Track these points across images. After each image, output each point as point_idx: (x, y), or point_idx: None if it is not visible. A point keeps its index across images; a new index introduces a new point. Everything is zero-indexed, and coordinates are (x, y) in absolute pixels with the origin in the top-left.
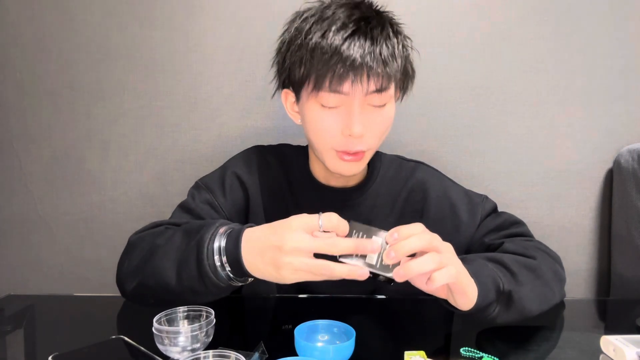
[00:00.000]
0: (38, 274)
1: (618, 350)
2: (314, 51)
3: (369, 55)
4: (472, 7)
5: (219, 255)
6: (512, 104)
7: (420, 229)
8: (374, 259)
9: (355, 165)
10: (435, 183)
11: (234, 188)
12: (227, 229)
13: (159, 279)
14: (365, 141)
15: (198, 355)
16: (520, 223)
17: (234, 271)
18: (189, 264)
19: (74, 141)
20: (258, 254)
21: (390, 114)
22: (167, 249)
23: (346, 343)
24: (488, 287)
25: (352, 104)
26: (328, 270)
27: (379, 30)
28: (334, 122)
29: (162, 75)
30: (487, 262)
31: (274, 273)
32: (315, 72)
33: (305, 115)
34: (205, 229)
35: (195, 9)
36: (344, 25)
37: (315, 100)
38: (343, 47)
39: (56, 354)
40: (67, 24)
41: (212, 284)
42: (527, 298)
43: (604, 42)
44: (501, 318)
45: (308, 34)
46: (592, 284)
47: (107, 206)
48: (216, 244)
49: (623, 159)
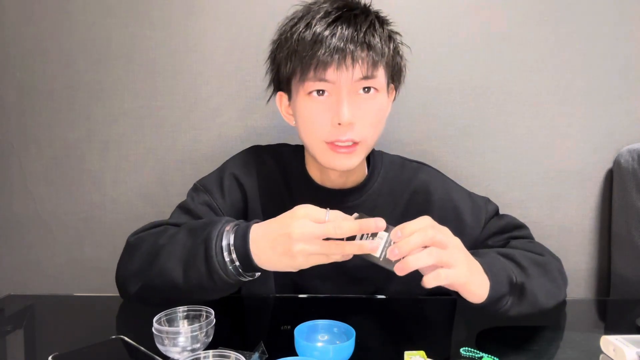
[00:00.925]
0: (38, 274)
1: (618, 350)
2: (298, 43)
3: (352, 41)
4: (472, 7)
5: (228, 252)
6: (512, 104)
7: (425, 223)
8: (378, 252)
9: (348, 159)
10: (438, 185)
11: (232, 189)
12: (234, 226)
13: (165, 278)
14: (357, 131)
15: (198, 355)
16: (522, 226)
17: (243, 266)
18: (196, 262)
19: (74, 141)
20: (269, 247)
21: (381, 104)
22: (171, 249)
23: (346, 343)
24: (501, 280)
25: (340, 92)
26: (340, 248)
27: (362, 17)
28: (323, 112)
29: (162, 75)
30: (498, 255)
31: (289, 262)
32: (301, 63)
33: (296, 112)
34: (212, 226)
35: (195, 9)
36: (327, 13)
37: (303, 92)
38: (326, 33)
39: (56, 354)
40: (67, 24)
41: (221, 280)
42: (538, 291)
43: (604, 42)
44: (514, 310)
45: (293, 28)
46: (592, 284)
47: (107, 206)
48: (224, 241)
49: (623, 159)
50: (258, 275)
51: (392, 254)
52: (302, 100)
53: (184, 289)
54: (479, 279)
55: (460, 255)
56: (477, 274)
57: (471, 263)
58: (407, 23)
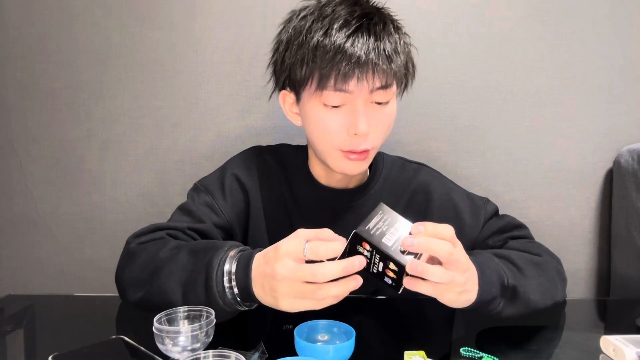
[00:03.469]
0: (38, 274)
1: (618, 350)
2: (316, 50)
3: (374, 52)
4: (473, 7)
5: (228, 280)
6: (512, 104)
7: (449, 233)
8: (391, 241)
9: (360, 165)
10: (438, 185)
11: (234, 190)
12: (237, 253)
13: (164, 297)
14: (370, 140)
15: (198, 355)
16: (522, 226)
17: (242, 296)
18: (196, 287)
19: (74, 141)
20: (260, 285)
21: (393, 111)
22: (172, 268)
23: (346, 343)
24: (492, 282)
25: (357, 102)
26: (323, 292)
27: (381, 26)
28: (338, 121)
29: (162, 75)
30: (493, 256)
31: (273, 302)
32: (319, 71)
33: (307, 116)
34: (214, 251)
35: (195, 9)
36: (347, 22)
37: (318, 100)
38: (347, 45)
39: (56, 354)
40: (67, 24)
41: (219, 308)
42: (532, 292)
43: (604, 42)
44: (507, 312)
45: (309, 32)
46: (592, 284)
47: (107, 206)
48: (226, 267)
49: (623, 159)
50: (255, 306)
51: (409, 242)
52: (315, 106)
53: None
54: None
55: (470, 284)
56: (473, 292)
57: (474, 283)
58: (407, 23)
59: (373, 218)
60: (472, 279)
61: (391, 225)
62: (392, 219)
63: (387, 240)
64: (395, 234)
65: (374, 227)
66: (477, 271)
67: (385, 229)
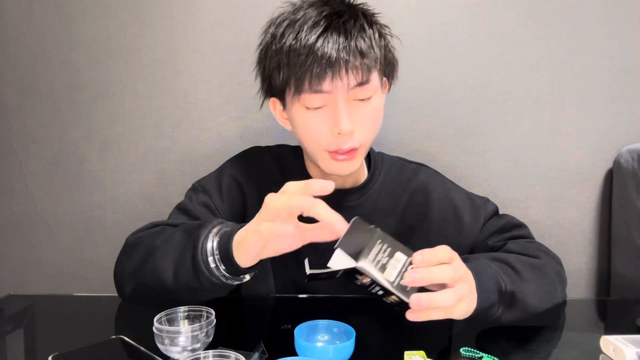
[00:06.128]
0: (38, 274)
1: (618, 350)
2: (289, 54)
3: (345, 50)
4: (472, 7)
5: (212, 255)
6: (512, 104)
7: (448, 255)
8: (393, 276)
9: (349, 164)
10: (437, 185)
11: (231, 190)
12: (221, 228)
13: (156, 277)
14: (356, 137)
15: (198, 355)
16: (522, 226)
17: (228, 269)
18: (185, 261)
19: (74, 141)
20: (244, 236)
21: (377, 106)
22: (166, 248)
23: (346, 343)
24: (490, 289)
25: (337, 102)
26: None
27: (351, 23)
28: (321, 122)
29: (162, 75)
30: (490, 262)
31: (255, 236)
32: (294, 75)
33: (293, 120)
34: (202, 228)
35: (195, 9)
36: (316, 23)
37: (299, 104)
38: (317, 45)
39: (56, 354)
40: (67, 24)
41: (206, 280)
42: (531, 296)
43: (604, 42)
44: (506, 318)
45: (282, 37)
46: (592, 284)
47: (107, 206)
48: (209, 243)
49: (623, 159)
50: (246, 280)
51: (413, 279)
52: (298, 110)
53: (174, 289)
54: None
55: (469, 294)
56: (473, 300)
57: (473, 291)
58: (407, 23)
59: (373, 247)
60: (471, 287)
61: (391, 256)
62: (392, 247)
63: (389, 274)
64: (397, 267)
65: (374, 259)
66: (475, 279)
67: (385, 261)
